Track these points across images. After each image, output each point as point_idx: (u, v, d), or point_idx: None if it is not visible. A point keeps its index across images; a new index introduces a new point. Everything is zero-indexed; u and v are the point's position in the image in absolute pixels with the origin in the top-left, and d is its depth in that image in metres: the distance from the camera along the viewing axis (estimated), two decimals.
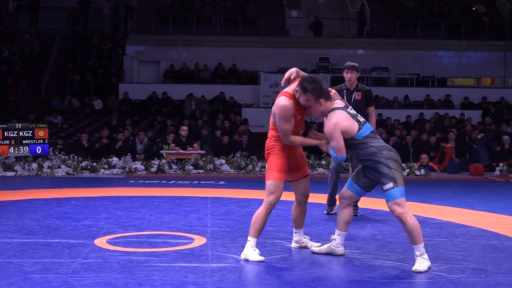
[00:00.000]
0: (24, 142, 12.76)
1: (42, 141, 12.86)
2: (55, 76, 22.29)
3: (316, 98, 5.07)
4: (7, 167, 12.47)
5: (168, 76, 22.51)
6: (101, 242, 5.89)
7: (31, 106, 19.58)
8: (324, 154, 13.23)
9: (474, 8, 26.42)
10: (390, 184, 4.96)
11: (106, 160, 12.91)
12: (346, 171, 10.95)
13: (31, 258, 5.23)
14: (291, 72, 5.38)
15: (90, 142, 14.57)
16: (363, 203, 7.92)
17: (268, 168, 5.31)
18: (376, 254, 5.53)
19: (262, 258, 5.18)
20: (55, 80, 21.97)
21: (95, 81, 21.38)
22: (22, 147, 12.74)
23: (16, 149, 12.72)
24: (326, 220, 7.23)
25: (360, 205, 7.74)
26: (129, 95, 20.70)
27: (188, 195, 9.43)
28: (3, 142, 12.71)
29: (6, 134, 12.70)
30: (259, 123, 17.56)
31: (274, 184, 5.23)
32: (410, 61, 24.13)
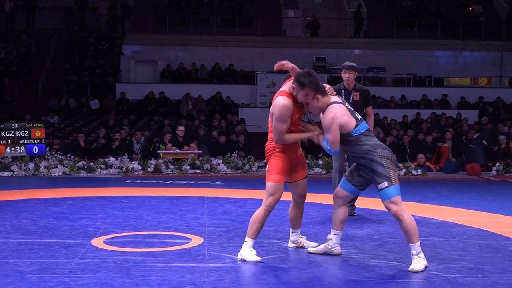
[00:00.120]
0: (21, 142, 12.72)
1: (38, 141, 12.82)
2: (52, 76, 22.26)
3: (314, 92, 5.05)
4: (4, 167, 12.46)
5: (165, 76, 22.51)
6: (98, 242, 5.88)
7: (28, 106, 19.56)
8: (321, 154, 13.24)
9: (471, 8, 26.48)
10: (384, 183, 4.96)
11: (103, 160, 12.91)
12: None
13: (27, 258, 5.22)
14: (287, 62, 5.39)
15: (87, 142, 14.57)
16: (360, 203, 7.94)
17: (269, 170, 5.29)
18: (373, 254, 5.53)
19: (259, 259, 5.17)
20: (52, 80, 21.93)
21: (92, 81, 21.36)
22: (18, 147, 12.71)
23: (12, 149, 12.68)
24: (323, 220, 7.22)
25: (357, 204, 7.75)
26: (126, 95, 20.68)
27: (185, 195, 9.42)
28: None
29: (2, 134, 12.66)
30: (256, 123, 17.55)
31: (274, 186, 5.22)
32: (407, 61, 24.15)
